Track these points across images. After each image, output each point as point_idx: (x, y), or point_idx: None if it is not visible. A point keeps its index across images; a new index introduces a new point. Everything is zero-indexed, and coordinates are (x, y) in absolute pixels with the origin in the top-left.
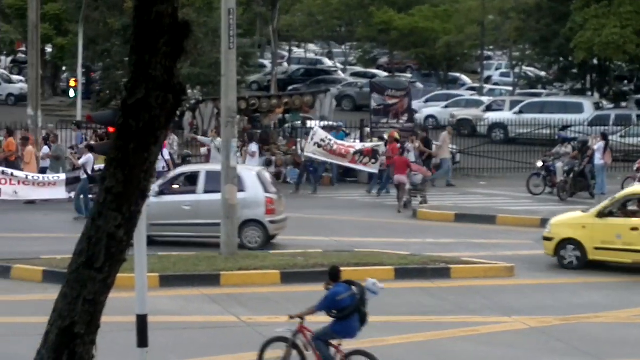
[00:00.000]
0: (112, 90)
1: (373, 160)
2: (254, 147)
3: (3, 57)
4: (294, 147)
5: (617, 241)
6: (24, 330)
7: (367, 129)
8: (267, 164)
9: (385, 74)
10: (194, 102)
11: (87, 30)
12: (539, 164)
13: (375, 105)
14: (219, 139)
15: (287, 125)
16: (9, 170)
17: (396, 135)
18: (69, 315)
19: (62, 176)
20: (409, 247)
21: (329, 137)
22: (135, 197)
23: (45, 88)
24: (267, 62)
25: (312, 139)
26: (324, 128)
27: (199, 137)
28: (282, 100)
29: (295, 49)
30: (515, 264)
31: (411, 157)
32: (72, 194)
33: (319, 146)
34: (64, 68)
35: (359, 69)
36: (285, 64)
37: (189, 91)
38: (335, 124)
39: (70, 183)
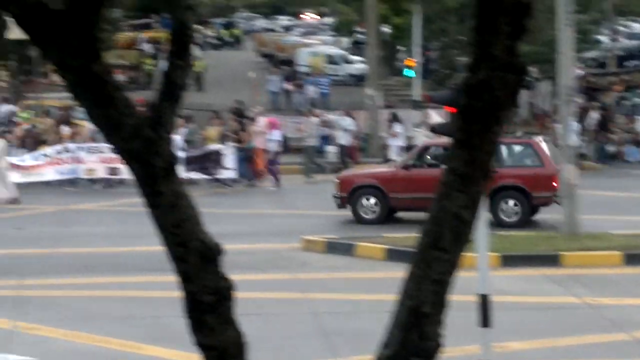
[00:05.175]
0: (449, 69)
1: None
2: (398, 127)
3: (343, 39)
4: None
5: None
6: (369, 307)
7: None
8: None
9: None
10: (531, 80)
11: (424, 9)
12: None
13: None
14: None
15: (627, 102)
16: None
17: None
18: (416, 295)
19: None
20: None
21: None
22: (479, 178)
23: (384, 68)
24: (604, 38)
25: None
26: None
27: None
28: (621, 77)
29: (633, 24)
30: None
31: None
32: None
33: None
34: (401, 48)
35: None
36: (624, 40)
37: None
38: None
39: None
